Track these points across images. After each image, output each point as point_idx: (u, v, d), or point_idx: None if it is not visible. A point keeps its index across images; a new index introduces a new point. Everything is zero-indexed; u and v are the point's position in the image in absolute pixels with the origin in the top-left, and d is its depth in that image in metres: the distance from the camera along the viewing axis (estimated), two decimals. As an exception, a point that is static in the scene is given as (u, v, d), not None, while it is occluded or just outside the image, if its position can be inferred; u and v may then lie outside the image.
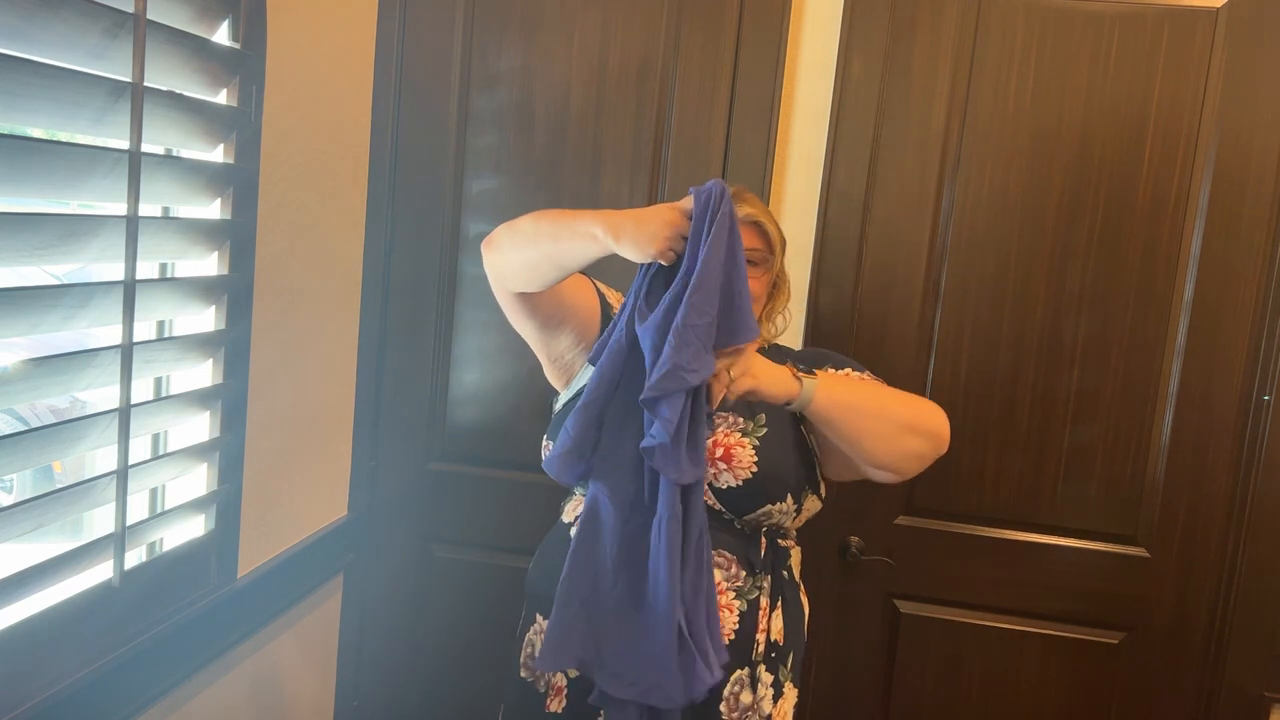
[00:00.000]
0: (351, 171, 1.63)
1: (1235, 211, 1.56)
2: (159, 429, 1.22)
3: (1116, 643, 1.66)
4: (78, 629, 1.07)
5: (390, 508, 1.78)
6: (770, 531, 1.30)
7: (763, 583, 1.28)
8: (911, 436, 1.24)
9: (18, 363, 0.96)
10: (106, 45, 1.00)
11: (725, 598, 1.25)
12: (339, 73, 1.54)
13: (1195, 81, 1.55)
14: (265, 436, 1.40)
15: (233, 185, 1.28)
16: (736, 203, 1.26)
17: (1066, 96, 1.57)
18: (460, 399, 1.74)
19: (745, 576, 1.26)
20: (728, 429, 1.28)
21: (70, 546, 1.03)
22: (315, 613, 1.66)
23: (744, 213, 1.30)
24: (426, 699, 1.81)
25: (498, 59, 1.67)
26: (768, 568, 1.29)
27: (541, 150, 1.67)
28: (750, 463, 1.25)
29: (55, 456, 1.01)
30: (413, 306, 1.73)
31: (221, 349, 1.30)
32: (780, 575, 1.31)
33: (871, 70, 1.61)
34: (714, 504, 1.26)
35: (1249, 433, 1.59)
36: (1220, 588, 1.62)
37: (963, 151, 1.61)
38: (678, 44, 1.63)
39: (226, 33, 1.24)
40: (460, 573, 1.77)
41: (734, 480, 1.25)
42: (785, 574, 1.32)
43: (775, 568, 1.30)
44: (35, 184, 0.96)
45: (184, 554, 1.27)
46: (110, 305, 1.04)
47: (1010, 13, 1.58)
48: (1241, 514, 1.60)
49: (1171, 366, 1.60)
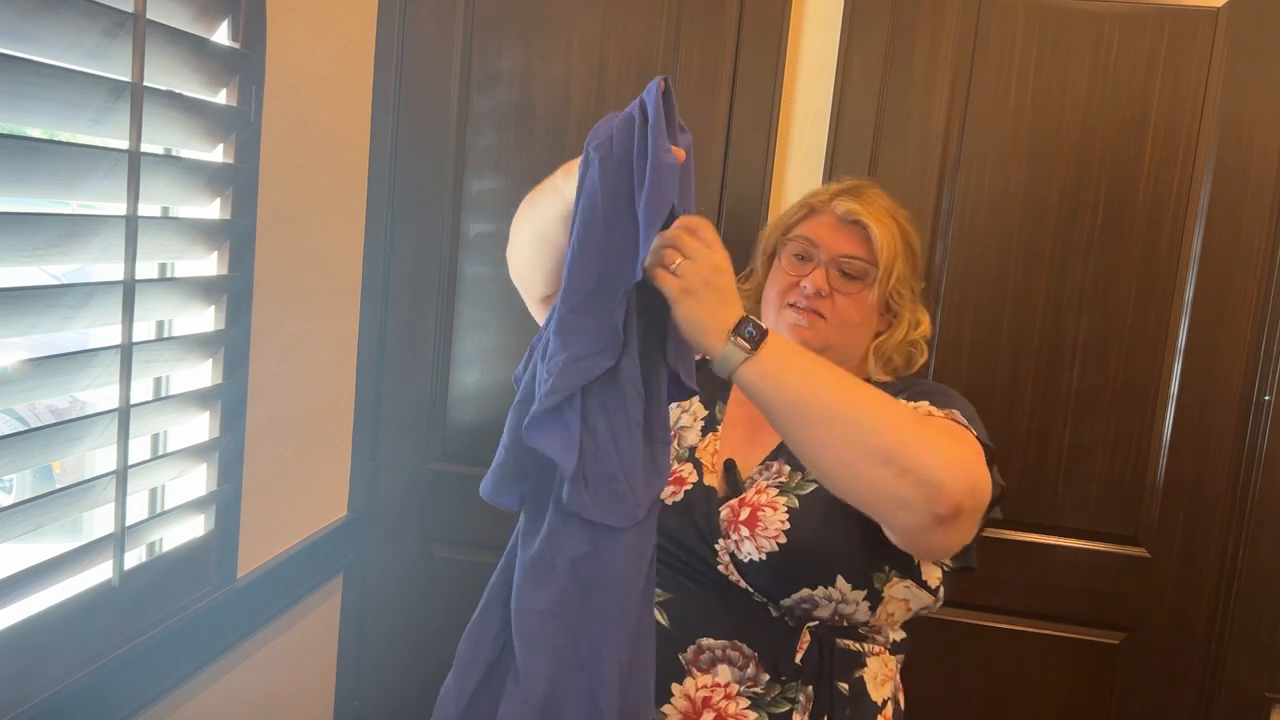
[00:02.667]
0: (351, 171, 1.63)
1: (1235, 211, 1.56)
2: (159, 429, 1.22)
3: (1116, 643, 1.66)
4: (77, 629, 1.07)
5: (390, 508, 1.78)
6: (825, 629, 1.02)
7: (797, 694, 1.00)
8: (885, 469, 0.87)
9: (17, 363, 0.95)
10: (106, 45, 1.00)
11: (733, 705, 1.01)
12: (339, 73, 1.54)
13: (1195, 81, 1.55)
14: (265, 436, 1.40)
15: (232, 185, 1.27)
16: (843, 198, 1.12)
17: (1066, 96, 1.57)
18: (460, 399, 1.74)
19: (768, 682, 1.01)
20: (765, 483, 1.05)
21: (70, 547, 1.03)
22: (315, 613, 1.66)
23: (844, 208, 1.12)
24: (426, 699, 1.80)
25: (498, 59, 1.67)
26: (810, 675, 1.01)
27: (541, 150, 1.67)
28: (778, 530, 1.00)
29: (55, 456, 1.01)
30: (413, 306, 1.73)
31: (221, 349, 1.30)
32: (836, 690, 1.01)
33: (871, 70, 1.61)
34: (738, 580, 1.03)
35: (1250, 433, 1.59)
36: (1220, 588, 1.62)
37: (963, 151, 1.61)
38: (678, 44, 1.63)
39: (226, 32, 1.24)
40: (460, 573, 1.77)
41: (756, 552, 1.00)
42: (846, 688, 1.02)
43: (828, 677, 1.01)
44: (35, 184, 0.96)
45: (184, 554, 1.26)
46: (110, 305, 1.04)
47: (1010, 13, 1.58)
48: (1242, 514, 1.60)
49: (1172, 366, 1.60)
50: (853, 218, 1.11)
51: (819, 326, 1.13)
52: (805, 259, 1.16)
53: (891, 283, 1.11)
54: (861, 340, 1.16)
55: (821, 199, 1.19)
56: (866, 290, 1.11)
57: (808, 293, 1.13)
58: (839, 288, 1.13)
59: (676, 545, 1.09)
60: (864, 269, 1.11)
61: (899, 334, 1.15)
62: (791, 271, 1.16)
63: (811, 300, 1.12)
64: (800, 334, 1.13)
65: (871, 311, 1.13)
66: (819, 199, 1.19)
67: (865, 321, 1.13)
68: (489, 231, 1.70)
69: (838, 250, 1.13)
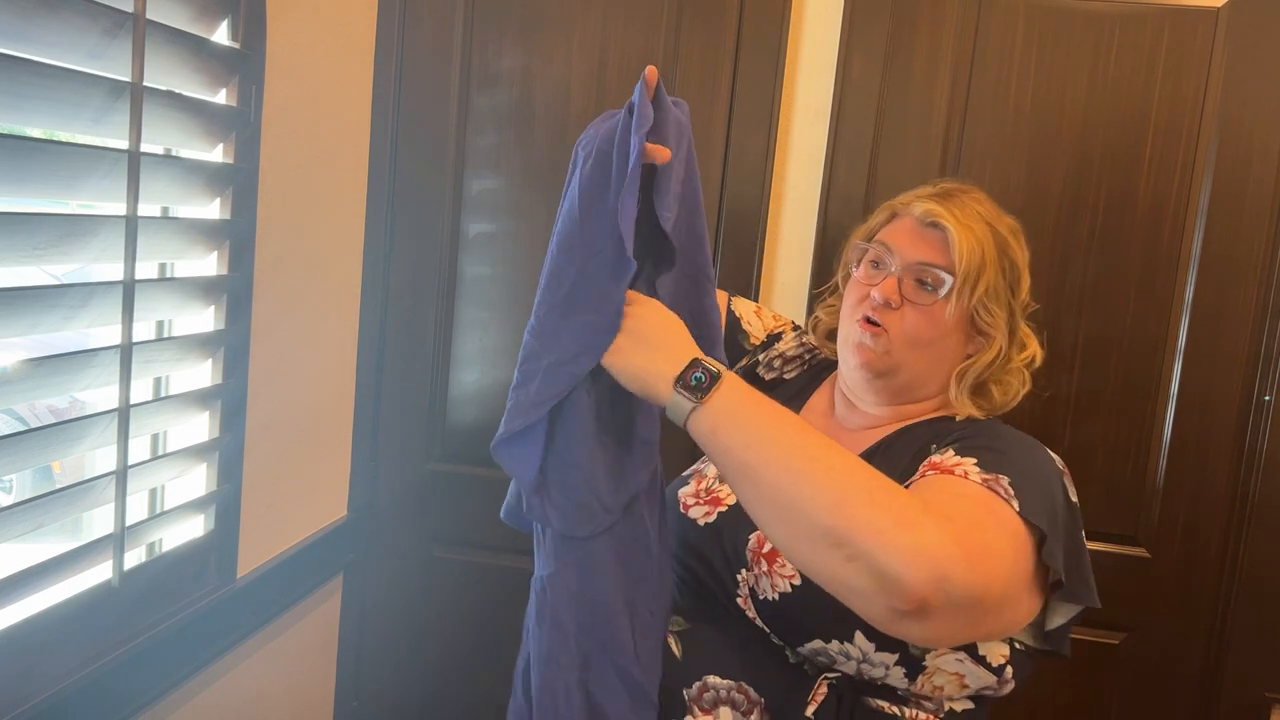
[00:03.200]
0: (351, 171, 1.63)
1: (1236, 211, 1.56)
2: (158, 429, 1.22)
3: (1116, 643, 1.66)
4: (77, 629, 1.07)
5: (390, 508, 1.78)
6: (849, 682, 0.91)
7: None
8: (833, 552, 0.76)
9: (17, 363, 0.95)
10: (106, 45, 1.00)
11: None
12: (339, 73, 1.54)
13: (1195, 81, 1.55)
14: (265, 436, 1.40)
15: (232, 185, 1.27)
16: (927, 199, 1.01)
17: (1066, 96, 1.57)
18: (460, 399, 1.74)
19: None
20: None
21: (70, 547, 1.03)
22: (315, 613, 1.66)
23: (923, 209, 1.01)
24: (426, 699, 1.81)
25: (498, 59, 1.67)
26: None
27: (541, 150, 1.67)
28: (794, 570, 0.90)
29: (55, 457, 1.01)
30: (413, 306, 1.73)
31: (221, 349, 1.30)
32: None
33: (871, 70, 1.60)
34: (754, 618, 0.96)
35: (1250, 433, 1.59)
36: (1220, 588, 1.62)
37: (963, 151, 1.61)
38: (678, 44, 1.63)
39: (226, 32, 1.24)
40: (460, 573, 1.77)
41: (770, 590, 0.92)
42: None
43: None
44: (34, 184, 0.96)
45: (183, 554, 1.27)
46: (109, 305, 1.04)
47: (1010, 13, 1.58)
48: (1242, 514, 1.60)
49: (1172, 367, 1.60)
50: (931, 219, 0.98)
51: (881, 341, 1.02)
52: (880, 265, 1.05)
53: (976, 296, 0.97)
54: (939, 362, 1.02)
55: (905, 201, 1.08)
56: (941, 303, 0.97)
57: (875, 303, 1.01)
58: (911, 298, 1.00)
59: (704, 568, 1.03)
60: (941, 278, 0.97)
61: (986, 358, 1.01)
62: (865, 280, 1.06)
63: (877, 311, 1.02)
64: (863, 353, 1.03)
65: (950, 329, 0.99)
66: (904, 202, 1.09)
67: (941, 340, 0.99)
68: (489, 231, 1.70)
69: (912, 257, 1.00)
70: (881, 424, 1.07)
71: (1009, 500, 0.84)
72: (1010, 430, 1.00)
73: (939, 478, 0.87)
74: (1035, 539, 0.84)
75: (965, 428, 1.00)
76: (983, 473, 0.87)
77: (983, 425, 1.01)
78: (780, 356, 1.25)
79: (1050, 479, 0.92)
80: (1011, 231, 1.04)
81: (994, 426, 1.01)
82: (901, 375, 1.04)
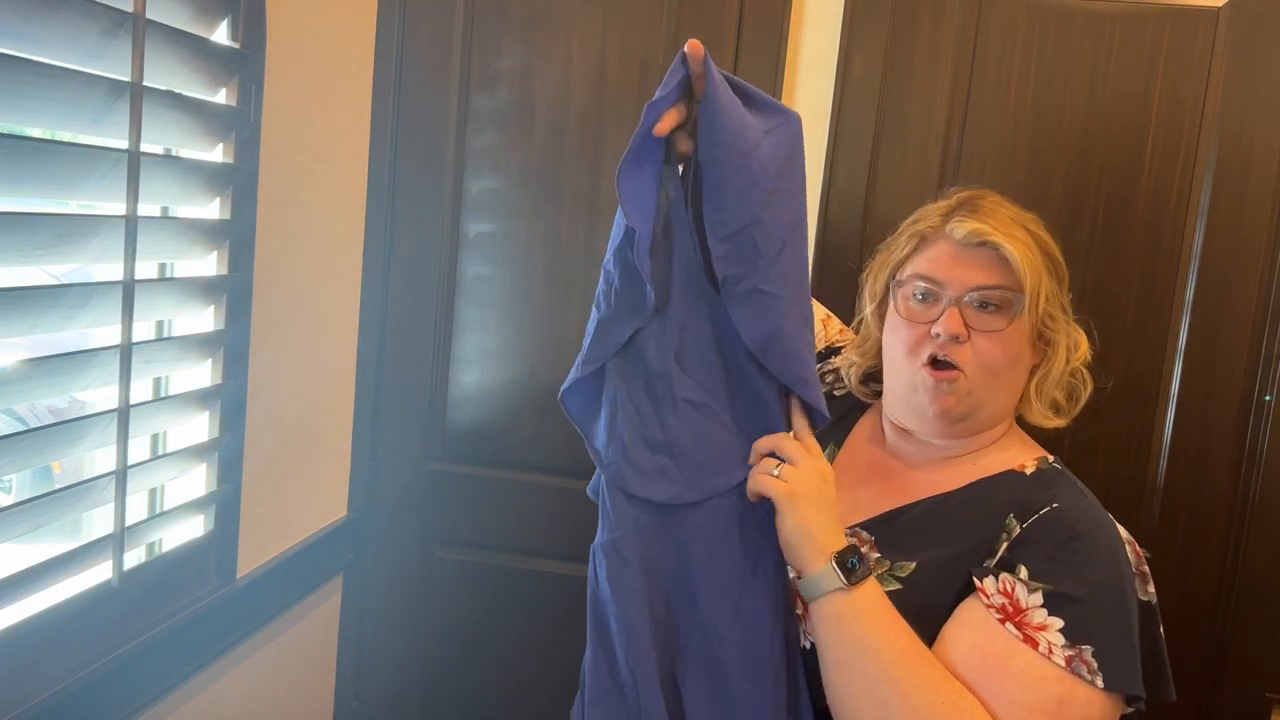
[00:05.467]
0: (351, 171, 1.63)
1: (1236, 211, 1.55)
2: (158, 429, 1.22)
3: (1117, 643, 1.66)
4: (77, 629, 1.07)
5: (390, 508, 1.77)
6: None
7: None
8: None
9: (16, 363, 0.95)
10: (105, 45, 1.00)
11: None
12: (339, 73, 1.54)
13: (1196, 81, 1.55)
14: (265, 436, 1.40)
15: (232, 185, 1.27)
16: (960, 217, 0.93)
17: (1067, 96, 1.57)
18: (460, 399, 1.74)
19: None
20: None
21: (69, 547, 1.03)
22: (315, 613, 1.66)
23: (964, 231, 0.93)
24: (426, 699, 1.81)
25: (498, 59, 1.67)
26: None
27: (541, 150, 1.67)
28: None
29: (54, 457, 1.01)
30: (413, 306, 1.73)
31: (221, 349, 1.30)
32: None
33: (871, 70, 1.60)
34: None
35: (1250, 434, 1.58)
36: (1221, 588, 1.62)
37: (963, 151, 1.61)
38: (678, 44, 1.63)
39: (226, 32, 1.24)
40: (460, 573, 1.77)
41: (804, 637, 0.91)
42: None
43: None
44: (34, 184, 0.96)
45: (183, 554, 1.26)
46: (109, 305, 1.04)
47: (1010, 13, 1.57)
48: (1243, 515, 1.59)
49: (1172, 367, 1.60)
50: (978, 240, 0.92)
51: (960, 385, 0.95)
52: (930, 299, 0.97)
53: (1042, 306, 0.93)
54: (1014, 383, 0.98)
55: (933, 224, 1.00)
56: (1014, 323, 0.92)
57: (942, 340, 0.94)
58: (978, 325, 0.93)
59: None
60: (1007, 298, 0.92)
61: (1058, 365, 0.97)
62: (917, 318, 0.98)
63: (945, 348, 0.94)
64: (943, 402, 0.96)
65: (1022, 346, 0.95)
66: (929, 224, 1.01)
67: (1016, 360, 0.95)
68: (489, 231, 1.70)
69: (969, 283, 0.93)
70: (946, 457, 1.02)
71: (1093, 679, 0.83)
72: (1084, 522, 0.94)
73: (1022, 652, 0.84)
74: (1123, 697, 0.86)
75: (1036, 492, 0.96)
76: (1066, 647, 0.84)
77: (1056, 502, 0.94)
78: (834, 371, 1.21)
79: (1130, 605, 0.89)
80: (1041, 226, 1.00)
81: (1066, 514, 0.93)
82: (984, 412, 0.98)
